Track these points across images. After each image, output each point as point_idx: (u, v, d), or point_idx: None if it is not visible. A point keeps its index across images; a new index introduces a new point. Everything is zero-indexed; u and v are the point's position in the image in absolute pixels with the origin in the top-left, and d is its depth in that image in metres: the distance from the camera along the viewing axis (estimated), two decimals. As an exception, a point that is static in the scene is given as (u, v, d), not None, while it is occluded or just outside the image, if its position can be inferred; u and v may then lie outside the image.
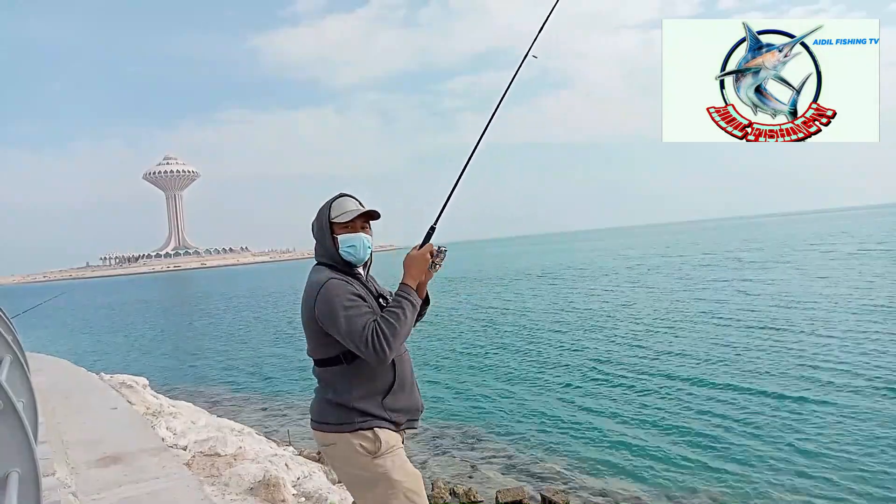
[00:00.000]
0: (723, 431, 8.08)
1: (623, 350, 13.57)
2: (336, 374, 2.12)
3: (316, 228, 2.23)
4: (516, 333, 17.22)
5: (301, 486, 4.88)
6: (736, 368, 10.94)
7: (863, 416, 8.07)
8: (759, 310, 16.83)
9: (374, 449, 2.08)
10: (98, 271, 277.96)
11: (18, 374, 2.69)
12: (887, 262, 25.38)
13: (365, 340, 1.98)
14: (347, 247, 2.18)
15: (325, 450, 2.21)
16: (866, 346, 11.65)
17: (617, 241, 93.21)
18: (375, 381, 2.12)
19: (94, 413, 5.75)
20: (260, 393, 13.10)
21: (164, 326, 30.93)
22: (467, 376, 12.68)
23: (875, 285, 19.32)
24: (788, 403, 8.82)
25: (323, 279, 2.10)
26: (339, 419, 2.10)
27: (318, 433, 2.19)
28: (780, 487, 6.45)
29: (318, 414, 2.18)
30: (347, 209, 2.19)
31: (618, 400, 9.92)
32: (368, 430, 2.08)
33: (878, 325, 13.26)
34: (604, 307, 20.69)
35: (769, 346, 12.41)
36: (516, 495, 6.53)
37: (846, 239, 45.09)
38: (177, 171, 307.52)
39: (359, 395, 2.09)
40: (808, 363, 10.80)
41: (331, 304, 2.04)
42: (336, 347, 2.08)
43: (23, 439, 1.57)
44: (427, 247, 2.20)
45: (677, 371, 11.21)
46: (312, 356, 2.21)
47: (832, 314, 15.19)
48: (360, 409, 2.09)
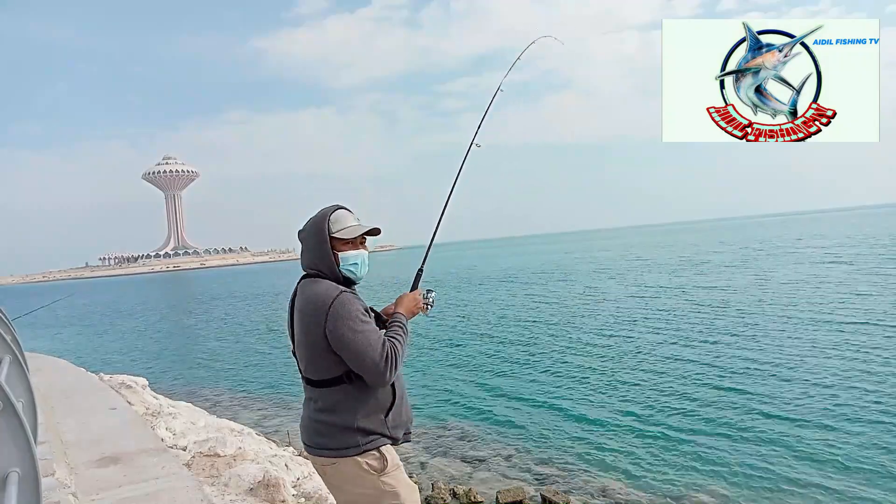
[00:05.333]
0: (723, 431, 8.08)
1: (623, 350, 13.57)
2: (339, 394, 2.04)
3: (313, 240, 2.13)
4: (516, 334, 17.21)
5: (301, 486, 4.88)
6: (735, 367, 10.96)
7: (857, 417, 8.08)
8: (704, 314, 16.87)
9: (381, 467, 2.05)
10: (97, 271, 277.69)
11: (18, 375, 2.69)
12: (850, 269, 25.02)
13: (384, 359, 1.96)
14: (350, 264, 2.13)
15: (324, 470, 2.13)
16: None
17: (613, 242, 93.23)
18: (378, 399, 2.07)
19: (94, 413, 5.74)
20: (260, 393, 13.10)
21: (163, 327, 30.91)
22: (467, 377, 12.68)
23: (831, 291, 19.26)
24: (787, 403, 8.84)
25: (332, 293, 2.01)
26: (343, 443, 2.03)
27: (316, 458, 2.13)
28: (780, 486, 6.45)
29: (316, 438, 2.09)
30: (349, 224, 2.14)
31: (618, 400, 9.92)
32: (374, 450, 2.05)
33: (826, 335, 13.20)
34: (604, 307, 20.70)
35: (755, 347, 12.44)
36: (516, 495, 6.52)
37: (823, 241, 45.08)
38: (176, 171, 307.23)
39: (363, 413, 2.04)
40: (742, 367, 10.85)
41: (346, 319, 1.97)
42: (340, 367, 2.01)
43: (22, 439, 1.57)
44: (417, 292, 2.30)
45: (678, 371, 11.21)
46: (311, 376, 2.09)
47: (737, 321, 15.47)
48: (364, 428, 2.04)
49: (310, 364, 2.08)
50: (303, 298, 2.09)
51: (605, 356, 13.16)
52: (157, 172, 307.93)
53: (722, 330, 14.66)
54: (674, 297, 21.52)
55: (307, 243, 2.16)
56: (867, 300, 16.74)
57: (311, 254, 2.15)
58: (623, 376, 11.29)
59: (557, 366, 12.78)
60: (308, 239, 2.15)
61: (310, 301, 2.04)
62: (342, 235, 2.11)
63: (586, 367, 12.34)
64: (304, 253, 2.17)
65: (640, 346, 13.85)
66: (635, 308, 19.76)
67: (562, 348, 14.48)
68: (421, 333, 18.41)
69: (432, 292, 2.34)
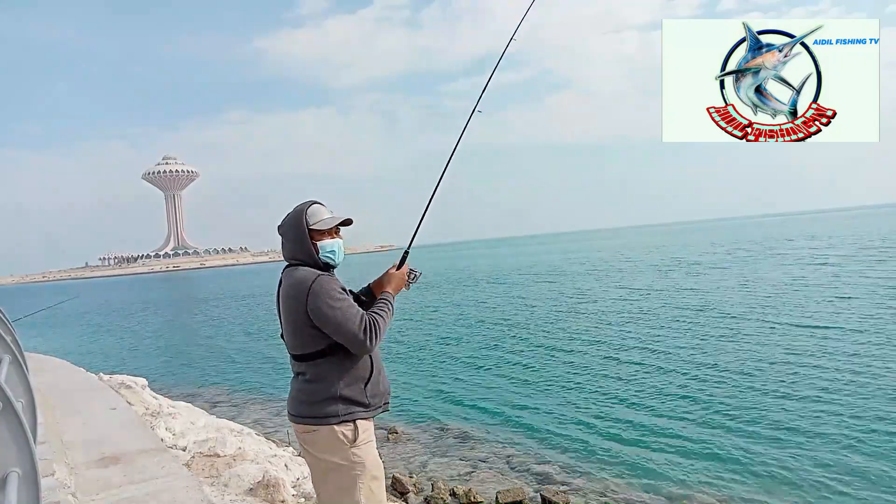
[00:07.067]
0: (723, 430, 8.08)
1: (622, 350, 13.57)
2: (323, 364, 2.28)
3: (293, 232, 2.38)
4: (516, 334, 17.21)
5: (300, 486, 4.88)
6: (734, 367, 10.95)
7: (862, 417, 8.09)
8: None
9: (354, 438, 2.27)
10: (97, 271, 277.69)
11: (17, 375, 2.69)
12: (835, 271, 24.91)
13: (363, 330, 2.22)
14: (328, 251, 2.39)
15: (304, 437, 2.34)
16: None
17: (613, 243, 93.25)
18: (358, 370, 2.31)
19: (94, 413, 5.74)
20: (259, 393, 13.09)
21: (163, 327, 30.90)
22: (467, 377, 12.68)
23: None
24: (785, 401, 8.84)
25: (311, 276, 2.28)
26: (326, 412, 2.26)
27: (299, 426, 2.34)
28: (780, 485, 6.45)
29: (300, 407, 2.32)
30: (324, 217, 2.40)
31: (618, 400, 9.92)
32: (350, 422, 2.28)
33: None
34: (603, 308, 20.70)
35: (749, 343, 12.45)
36: (516, 495, 6.52)
37: (814, 242, 44.99)
38: (176, 171, 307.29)
39: (345, 382, 2.28)
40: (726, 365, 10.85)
41: (325, 296, 2.23)
42: (323, 341, 2.26)
43: (22, 440, 1.57)
44: (404, 268, 2.57)
45: (678, 371, 11.22)
46: (297, 351, 2.34)
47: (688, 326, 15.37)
48: (345, 396, 2.27)
49: (295, 340, 2.32)
50: (286, 284, 2.35)
51: (605, 356, 13.15)
52: (157, 172, 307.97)
53: (722, 329, 14.67)
54: (674, 297, 21.53)
55: (287, 236, 2.41)
56: (849, 303, 16.72)
57: (291, 245, 2.39)
58: (623, 376, 11.28)
59: (557, 366, 12.77)
60: (288, 232, 2.40)
61: (292, 285, 2.30)
62: (319, 227, 2.37)
63: (586, 367, 12.34)
64: (285, 245, 2.42)
65: (640, 345, 13.84)
66: (635, 308, 19.77)
67: (561, 349, 14.47)
68: (421, 333, 18.43)
69: (416, 270, 2.61)
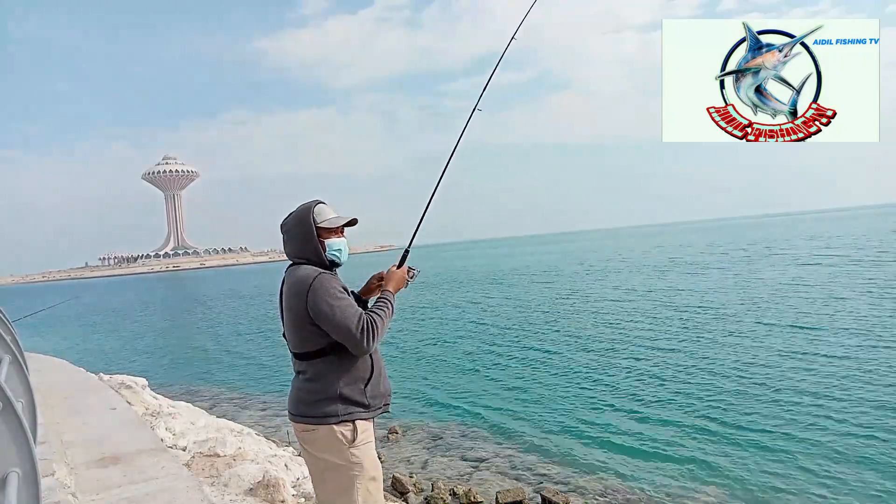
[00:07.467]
0: (723, 430, 8.07)
1: (622, 350, 13.58)
2: (323, 364, 2.27)
3: (299, 230, 2.37)
4: (516, 334, 17.21)
5: (300, 486, 4.88)
6: (734, 368, 10.96)
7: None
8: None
9: (353, 438, 2.26)
10: (97, 271, 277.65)
11: (17, 375, 2.69)
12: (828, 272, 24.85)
13: (361, 329, 2.20)
14: (335, 250, 2.39)
15: (303, 436, 2.33)
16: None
17: (612, 244, 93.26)
18: (358, 370, 2.30)
19: (94, 413, 5.73)
20: (259, 393, 13.09)
21: (163, 327, 30.90)
22: (467, 377, 12.68)
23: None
24: (784, 401, 8.84)
25: (312, 274, 2.27)
26: (325, 412, 2.24)
27: (298, 425, 2.33)
28: (780, 485, 6.45)
29: (300, 406, 2.31)
30: (331, 216, 2.40)
31: (618, 400, 9.92)
32: (350, 422, 2.26)
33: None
34: (603, 309, 20.70)
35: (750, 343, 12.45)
36: (516, 495, 6.52)
37: (813, 243, 44.92)
38: (176, 171, 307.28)
39: (345, 382, 2.27)
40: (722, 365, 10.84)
41: (324, 294, 2.22)
42: (324, 339, 2.24)
43: (22, 440, 1.57)
44: (404, 268, 2.56)
45: (677, 371, 11.22)
46: (297, 350, 2.33)
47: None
48: (345, 395, 2.25)
49: (296, 339, 2.31)
50: (289, 282, 2.34)
51: (605, 356, 13.15)
52: (157, 172, 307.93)
53: (721, 330, 14.66)
54: (673, 298, 21.53)
55: (292, 234, 2.40)
56: (848, 303, 16.69)
57: (297, 243, 2.39)
58: (622, 376, 11.28)
59: (557, 366, 12.77)
60: (293, 230, 2.39)
61: (294, 283, 2.30)
62: (326, 225, 2.37)
63: (586, 367, 12.33)
64: (289, 243, 2.41)
65: (640, 345, 13.84)
66: (635, 308, 19.77)
67: (561, 349, 14.47)
68: (421, 333, 18.43)
69: (414, 269, 2.62)
